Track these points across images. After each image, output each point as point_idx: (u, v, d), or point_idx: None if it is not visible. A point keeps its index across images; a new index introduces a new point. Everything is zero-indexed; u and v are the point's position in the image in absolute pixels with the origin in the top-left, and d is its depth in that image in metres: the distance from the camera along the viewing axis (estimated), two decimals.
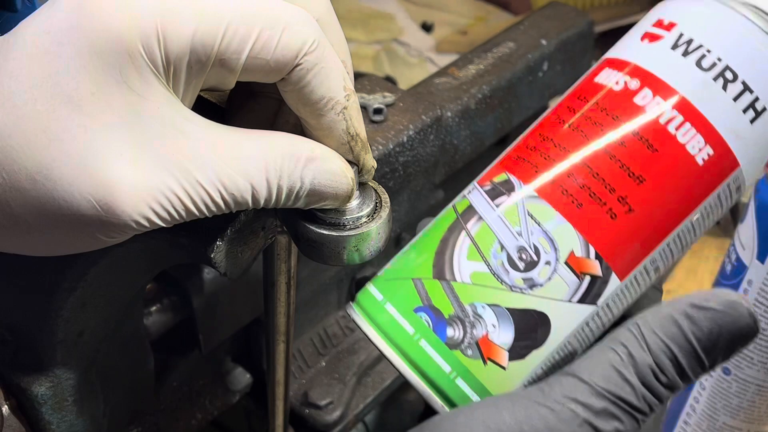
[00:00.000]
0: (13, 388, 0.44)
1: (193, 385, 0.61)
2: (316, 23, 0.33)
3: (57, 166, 0.30)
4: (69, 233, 0.31)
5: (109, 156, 0.30)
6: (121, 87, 0.30)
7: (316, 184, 0.34)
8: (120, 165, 0.30)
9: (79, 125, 0.30)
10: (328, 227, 0.36)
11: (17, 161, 0.30)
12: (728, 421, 0.61)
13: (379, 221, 0.37)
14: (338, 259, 0.37)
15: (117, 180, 0.30)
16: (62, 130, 0.29)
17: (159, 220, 0.31)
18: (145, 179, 0.30)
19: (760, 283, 0.53)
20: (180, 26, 0.30)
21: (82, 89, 0.29)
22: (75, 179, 0.30)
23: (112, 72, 0.29)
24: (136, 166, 0.30)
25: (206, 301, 0.57)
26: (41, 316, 0.41)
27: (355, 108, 0.35)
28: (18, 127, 0.30)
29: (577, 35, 0.75)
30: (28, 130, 0.29)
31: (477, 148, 0.67)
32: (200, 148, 0.31)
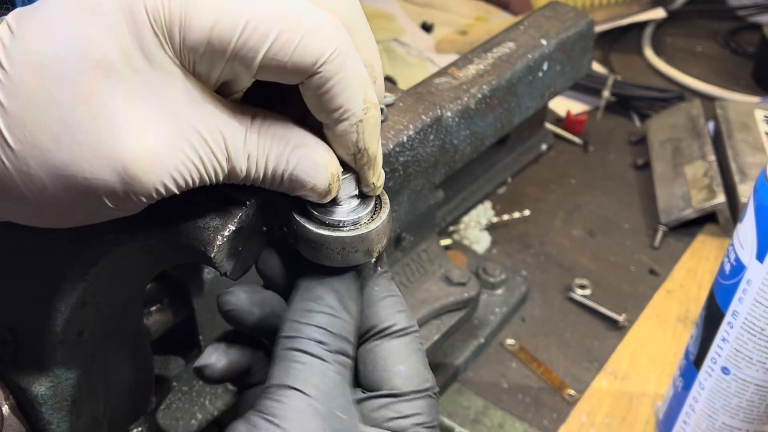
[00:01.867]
0: (13, 388, 0.44)
1: (193, 385, 0.61)
2: (343, 31, 0.33)
3: (84, 129, 0.30)
4: (84, 200, 0.32)
5: (134, 124, 0.30)
6: (145, 60, 0.31)
7: (299, 170, 0.35)
8: (143, 133, 0.31)
9: (106, 90, 0.30)
10: (327, 228, 0.36)
11: (41, 120, 0.30)
12: (727, 421, 0.61)
13: (378, 222, 0.37)
14: (337, 260, 0.37)
15: (141, 149, 0.31)
16: (90, 94, 0.30)
17: (175, 187, 0.32)
18: (167, 148, 0.31)
19: (759, 282, 0.53)
20: (200, 18, 0.31)
21: (111, 57, 0.30)
22: (101, 144, 0.30)
23: (139, 45, 0.30)
24: (157, 135, 0.31)
25: (206, 301, 0.57)
26: (41, 316, 0.41)
27: (371, 122, 0.35)
28: (44, 86, 0.30)
29: (577, 35, 0.75)
30: (55, 90, 0.30)
31: (477, 148, 0.67)
32: (213, 121, 0.32)
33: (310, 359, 0.35)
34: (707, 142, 1.01)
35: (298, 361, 0.35)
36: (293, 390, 0.34)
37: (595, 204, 1.00)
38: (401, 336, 0.39)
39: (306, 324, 0.36)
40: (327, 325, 0.36)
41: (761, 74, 1.26)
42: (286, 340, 0.36)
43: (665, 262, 0.90)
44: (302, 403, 0.34)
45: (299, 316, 0.37)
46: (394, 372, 0.38)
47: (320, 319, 0.36)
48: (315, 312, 0.37)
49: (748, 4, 1.47)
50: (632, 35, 1.38)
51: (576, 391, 0.74)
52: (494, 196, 0.97)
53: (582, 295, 0.84)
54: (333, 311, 0.37)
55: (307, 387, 0.34)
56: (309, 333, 0.36)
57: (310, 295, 0.37)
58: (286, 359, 0.35)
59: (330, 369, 0.36)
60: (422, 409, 0.38)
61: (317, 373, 0.35)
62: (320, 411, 0.34)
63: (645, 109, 1.16)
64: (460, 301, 0.72)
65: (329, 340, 0.36)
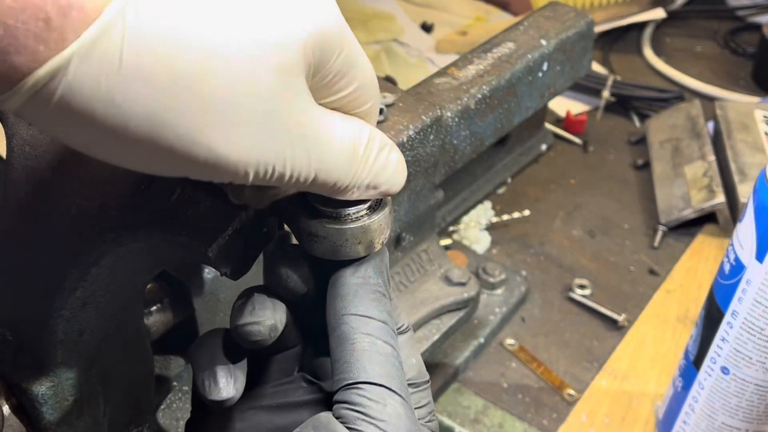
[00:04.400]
0: (13, 388, 0.44)
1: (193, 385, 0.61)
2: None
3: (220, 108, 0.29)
4: (174, 158, 0.30)
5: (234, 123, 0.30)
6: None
7: (383, 178, 0.36)
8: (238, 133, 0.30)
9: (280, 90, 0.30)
10: (330, 221, 0.37)
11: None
12: (727, 421, 0.61)
13: (380, 214, 0.37)
14: (340, 253, 0.37)
15: (229, 147, 0.30)
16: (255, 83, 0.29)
17: (253, 180, 0.31)
18: (262, 143, 0.31)
19: (758, 282, 0.53)
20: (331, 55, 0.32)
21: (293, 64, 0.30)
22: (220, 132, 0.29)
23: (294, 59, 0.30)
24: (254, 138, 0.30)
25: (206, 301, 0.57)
26: (42, 315, 0.41)
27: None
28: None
29: (577, 35, 0.75)
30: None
31: (477, 148, 0.67)
32: (308, 131, 0.32)
33: (384, 348, 0.35)
34: (707, 143, 1.01)
35: (376, 351, 0.35)
36: (387, 390, 0.34)
37: (595, 204, 1.00)
38: (406, 332, 0.41)
39: (369, 302, 0.36)
40: (385, 306, 0.37)
41: (761, 74, 1.26)
42: (354, 319, 0.36)
43: (665, 262, 0.90)
44: (401, 408, 0.34)
45: (358, 292, 0.37)
46: (409, 364, 0.39)
47: (377, 297, 0.37)
48: (370, 290, 0.37)
49: (747, 4, 1.47)
50: (632, 35, 1.38)
51: (576, 390, 0.74)
52: (494, 196, 0.97)
53: (582, 295, 0.84)
54: (383, 289, 0.37)
55: (397, 386, 0.35)
56: (377, 314, 0.36)
57: (359, 272, 0.37)
58: (362, 346, 0.35)
59: (399, 360, 0.36)
60: (429, 398, 0.39)
61: (398, 367, 0.35)
62: (413, 416, 0.35)
63: (645, 110, 1.16)
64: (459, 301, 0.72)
65: (391, 323, 0.37)
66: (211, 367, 0.39)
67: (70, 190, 0.40)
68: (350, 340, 0.35)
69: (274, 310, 0.38)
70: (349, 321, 0.36)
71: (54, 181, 0.41)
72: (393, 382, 0.34)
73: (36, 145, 0.42)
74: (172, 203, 0.38)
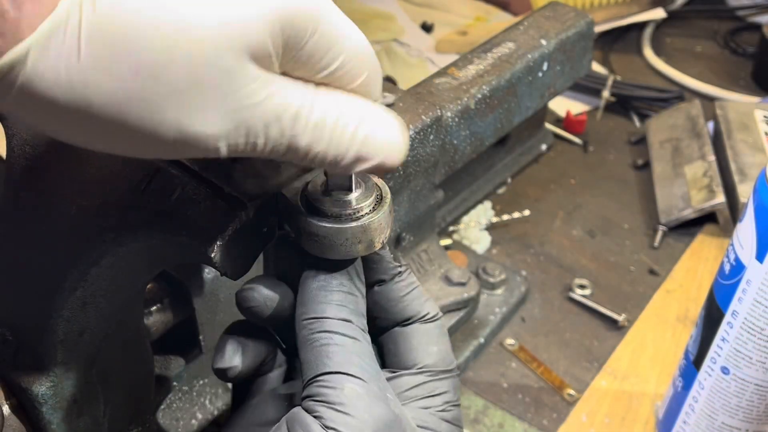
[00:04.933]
0: (13, 388, 0.44)
1: (193, 385, 0.61)
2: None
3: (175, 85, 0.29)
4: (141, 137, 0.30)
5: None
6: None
7: (366, 148, 0.34)
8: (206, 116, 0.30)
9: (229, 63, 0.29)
10: (330, 220, 0.37)
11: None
12: (727, 421, 0.61)
13: (380, 213, 0.37)
14: (340, 252, 0.37)
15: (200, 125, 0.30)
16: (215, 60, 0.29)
17: (227, 153, 0.31)
18: (231, 115, 0.30)
19: (758, 282, 0.53)
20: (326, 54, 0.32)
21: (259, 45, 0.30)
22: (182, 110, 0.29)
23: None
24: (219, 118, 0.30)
25: (206, 301, 0.57)
26: (42, 315, 0.41)
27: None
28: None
29: (577, 35, 0.75)
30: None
31: (477, 148, 0.67)
32: (274, 104, 0.31)
33: (343, 340, 0.35)
34: (707, 142, 1.01)
35: (333, 343, 0.35)
36: (344, 375, 0.34)
37: (595, 204, 1.00)
38: (433, 321, 0.41)
39: (326, 303, 0.36)
40: (347, 303, 0.37)
41: (761, 74, 1.26)
42: (311, 322, 0.36)
43: (665, 262, 0.90)
44: (359, 388, 0.34)
45: (316, 297, 0.37)
46: (428, 352, 0.39)
47: (339, 297, 0.37)
48: (330, 291, 0.37)
49: (747, 4, 1.47)
50: (632, 35, 1.38)
51: (576, 390, 0.74)
52: (494, 196, 0.97)
53: (582, 295, 0.84)
54: (346, 289, 0.37)
55: (355, 370, 0.35)
56: (333, 312, 0.36)
57: (321, 276, 0.37)
58: (320, 343, 0.35)
59: (364, 348, 0.36)
60: (449, 387, 0.39)
61: (357, 354, 0.35)
62: (378, 393, 0.35)
63: (645, 109, 1.16)
64: (459, 301, 0.72)
65: (353, 318, 0.37)
66: (225, 338, 0.40)
67: (70, 191, 0.40)
68: (309, 341, 0.36)
69: (277, 285, 0.40)
70: (306, 324, 0.36)
71: (54, 181, 0.41)
72: (351, 367, 0.35)
73: (36, 145, 0.42)
74: (172, 203, 0.38)
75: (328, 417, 0.33)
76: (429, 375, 0.39)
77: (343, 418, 0.33)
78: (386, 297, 0.40)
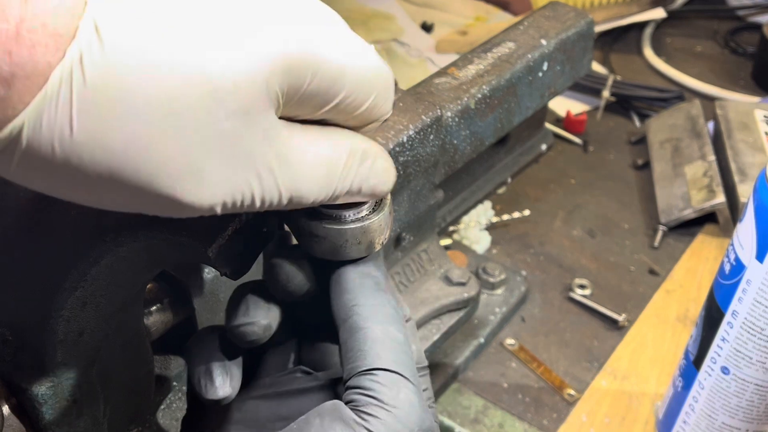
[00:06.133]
0: (13, 388, 0.44)
1: None
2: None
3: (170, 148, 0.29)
4: (133, 196, 0.30)
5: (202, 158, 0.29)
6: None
7: (370, 185, 0.35)
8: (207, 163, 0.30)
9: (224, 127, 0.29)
10: (330, 221, 0.37)
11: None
12: (727, 421, 0.61)
13: (380, 214, 0.37)
14: (340, 253, 0.37)
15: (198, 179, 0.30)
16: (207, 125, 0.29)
17: (222, 211, 0.31)
18: (226, 182, 0.30)
19: (758, 282, 0.53)
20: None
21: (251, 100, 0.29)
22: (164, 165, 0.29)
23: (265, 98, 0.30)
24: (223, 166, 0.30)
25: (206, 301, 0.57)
26: (42, 315, 0.41)
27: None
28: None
29: (577, 35, 0.75)
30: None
31: (477, 148, 0.67)
32: (276, 161, 0.31)
33: (398, 336, 0.35)
34: (707, 142, 1.01)
35: (389, 338, 0.35)
36: (401, 377, 0.34)
37: (595, 204, 1.00)
38: (408, 321, 0.41)
39: (375, 292, 0.36)
40: (393, 297, 0.37)
41: (761, 74, 1.26)
42: (363, 309, 0.36)
43: (665, 262, 0.90)
44: (413, 396, 0.34)
45: (363, 284, 0.37)
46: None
47: (389, 296, 0.37)
48: (382, 290, 0.37)
49: (748, 4, 1.47)
50: (632, 35, 1.38)
51: (576, 390, 0.74)
52: (494, 196, 0.97)
53: (582, 295, 0.84)
54: (391, 289, 0.38)
55: (409, 374, 0.35)
56: (386, 302, 0.36)
57: (360, 268, 0.38)
58: (374, 334, 0.35)
59: (410, 349, 0.36)
60: (427, 384, 0.40)
61: (409, 355, 0.35)
62: (424, 403, 0.35)
63: (645, 109, 1.16)
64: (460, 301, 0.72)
65: (399, 313, 0.37)
66: (207, 365, 0.39)
67: None
68: (363, 329, 0.35)
69: (269, 309, 0.39)
70: (359, 311, 0.36)
71: None
72: (406, 369, 0.34)
73: None
74: None
75: (379, 415, 0.33)
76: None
77: (394, 424, 0.33)
78: None
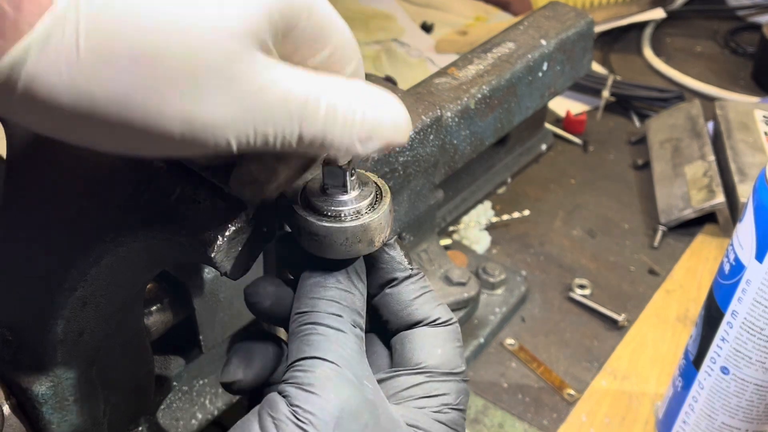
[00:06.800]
0: (13, 388, 0.44)
1: (193, 385, 0.61)
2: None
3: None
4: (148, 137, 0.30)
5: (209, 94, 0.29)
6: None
7: (377, 128, 0.34)
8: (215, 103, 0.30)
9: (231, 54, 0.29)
10: (329, 219, 0.37)
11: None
12: (726, 421, 0.61)
13: (380, 212, 0.37)
14: (340, 251, 0.37)
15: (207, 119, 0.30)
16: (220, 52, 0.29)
17: (237, 148, 0.31)
18: (240, 113, 0.30)
19: (758, 282, 0.53)
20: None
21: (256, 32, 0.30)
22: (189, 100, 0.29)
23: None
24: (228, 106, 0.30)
25: (206, 301, 0.57)
26: (42, 315, 0.41)
27: None
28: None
29: (577, 35, 0.75)
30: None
31: (477, 148, 0.67)
32: (281, 92, 0.31)
33: (327, 330, 0.36)
34: (707, 142, 1.01)
35: (317, 333, 0.35)
36: (319, 359, 0.34)
37: (595, 204, 1.00)
38: (444, 325, 0.40)
39: (318, 298, 0.37)
40: (339, 299, 0.37)
41: (761, 74, 1.26)
42: (301, 315, 0.36)
43: (665, 262, 0.90)
44: (331, 372, 0.34)
45: (310, 293, 0.37)
46: (431, 353, 0.39)
47: (332, 293, 0.37)
48: (325, 287, 0.37)
49: (747, 4, 1.47)
50: (632, 35, 1.38)
51: (576, 390, 0.74)
52: (494, 196, 0.97)
53: (582, 295, 0.84)
54: (342, 286, 0.38)
55: (332, 356, 0.35)
56: (323, 307, 0.36)
57: (318, 274, 0.38)
58: (304, 333, 0.36)
59: (349, 340, 0.36)
60: (450, 390, 0.38)
61: (338, 343, 0.35)
62: (350, 378, 0.34)
63: (644, 109, 1.16)
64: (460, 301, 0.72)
65: (343, 313, 0.37)
66: (233, 350, 0.40)
67: (70, 191, 0.40)
68: (295, 333, 0.36)
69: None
70: (296, 318, 0.37)
71: (54, 181, 0.41)
72: (328, 354, 0.35)
73: (36, 146, 0.42)
74: (172, 203, 0.38)
75: (294, 396, 0.33)
76: (428, 375, 0.38)
77: (308, 397, 0.33)
78: (396, 299, 0.40)
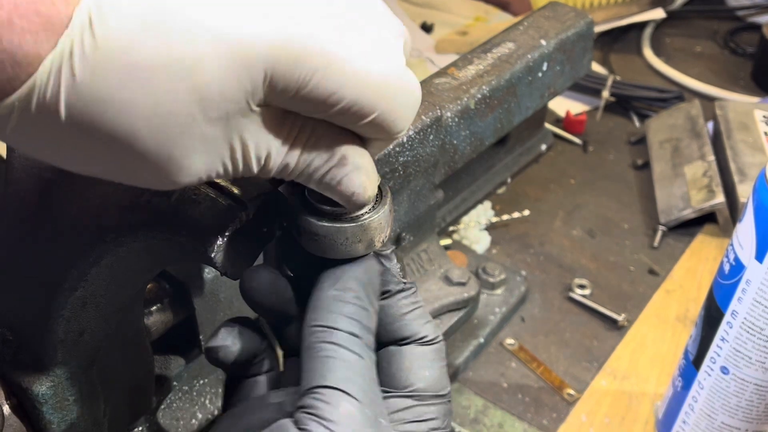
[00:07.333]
0: (14, 388, 0.44)
1: (193, 384, 0.61)
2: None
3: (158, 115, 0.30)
4: (122, 164, 0.31)
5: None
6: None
7: (340, 187, 0.36)
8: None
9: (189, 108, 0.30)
10: (329, 219, 0.37)
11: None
12: (726, 421, 0.61)
13: (380, 212, 0.38)
14: (340, 251, 0.37)
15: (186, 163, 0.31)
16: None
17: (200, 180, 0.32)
18: (207, 156, 0.31)
19: (758, 282, 0.53)
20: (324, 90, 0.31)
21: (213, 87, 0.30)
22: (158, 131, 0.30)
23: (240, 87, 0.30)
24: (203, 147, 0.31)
25: (206, 301, 0.57)
26: (42, 315, 0.41)
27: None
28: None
29: (577, 35, 0.75)
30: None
31: (477, 148, 0.67)
32: (256, 134, 0.32)
33: (348, 355, 0.35)
34: (706, 142, 1.01)
35: (339, 357, 0.35)
36: (342, 393, 0.34)
37: (595, 204, 1.00)
38: (430, 344, 0.40)
39: (338, 314, 0.36)
40: (359, 317, 0.37)
41: (760, 74, 1.26)
42: (320, 331, 0.36)
43: (665, 262, 0.90)
44: (353, 409, 0.34)
45: (330, 305, 0.37)
46: (419, 376, 0.39)
47: (351, 309, 0.37)
48: (345, 302, 0.37)
49: (747, 4, 1.47)
50: (632, 35, 1.38)
51: (575, 390, 0.74)
52: (494, 196, 0.97)
53: (581, 295, 0.84)
54: (361, 302, 0.37)
55: (354, 389, 0.35)
56: (344, 325, 0.36)
57: (338, 284, 0.37)
58: (324, 353, 0.35)
59: (368, 369, 0.36)
60: (438, 414, 0.39)
61: (359, 373, 0.35)
62: (369, 416, 0.34)
63: (644, 110, 1.16)
64: (459, 301, 0.72)
65: (362, 334, 0.37)
66: (220, 325, 0.41)
67: (70, 191, 0.40)
68: (315, 349, 0.36)
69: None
70: (315, 331, 0.36)
71: (54, 181, 0.41)
72: (351, 386, 0.34)
73: None
74: (172, 203, 0.38)
75: (313, 430, 0.33)
76: (417, 399, 0.38)
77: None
78: (387, 312, 0.40)
